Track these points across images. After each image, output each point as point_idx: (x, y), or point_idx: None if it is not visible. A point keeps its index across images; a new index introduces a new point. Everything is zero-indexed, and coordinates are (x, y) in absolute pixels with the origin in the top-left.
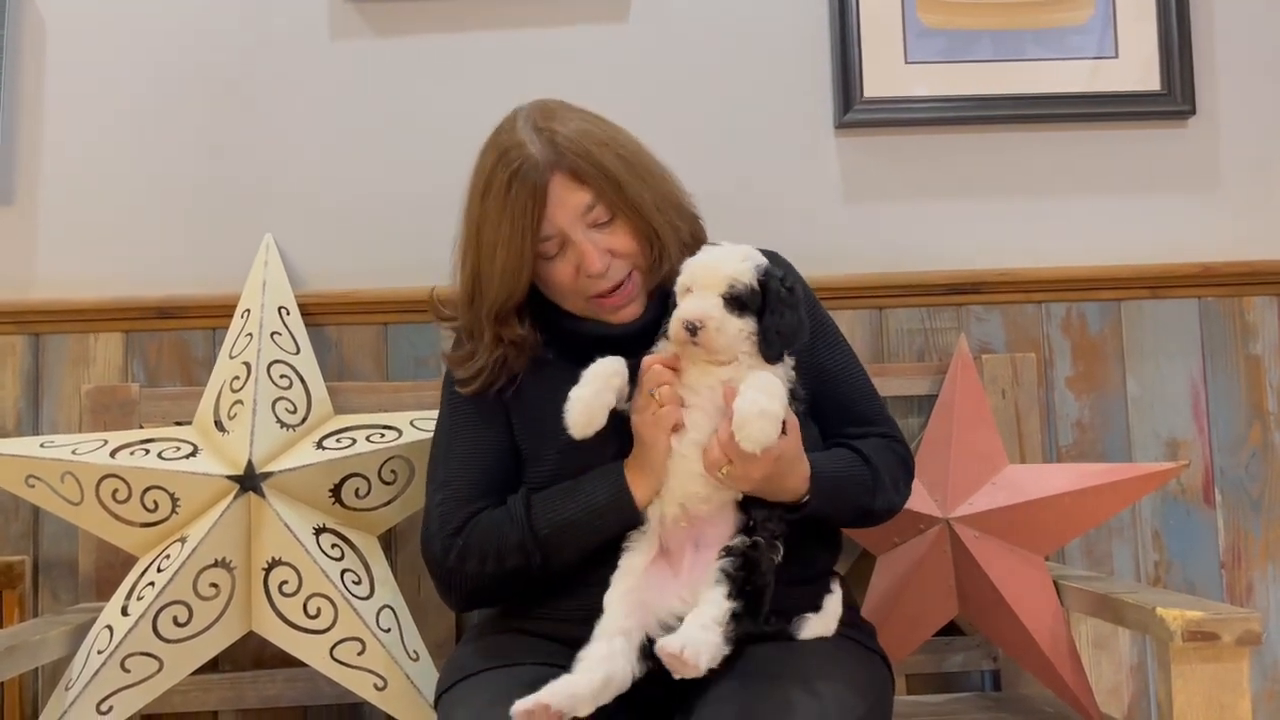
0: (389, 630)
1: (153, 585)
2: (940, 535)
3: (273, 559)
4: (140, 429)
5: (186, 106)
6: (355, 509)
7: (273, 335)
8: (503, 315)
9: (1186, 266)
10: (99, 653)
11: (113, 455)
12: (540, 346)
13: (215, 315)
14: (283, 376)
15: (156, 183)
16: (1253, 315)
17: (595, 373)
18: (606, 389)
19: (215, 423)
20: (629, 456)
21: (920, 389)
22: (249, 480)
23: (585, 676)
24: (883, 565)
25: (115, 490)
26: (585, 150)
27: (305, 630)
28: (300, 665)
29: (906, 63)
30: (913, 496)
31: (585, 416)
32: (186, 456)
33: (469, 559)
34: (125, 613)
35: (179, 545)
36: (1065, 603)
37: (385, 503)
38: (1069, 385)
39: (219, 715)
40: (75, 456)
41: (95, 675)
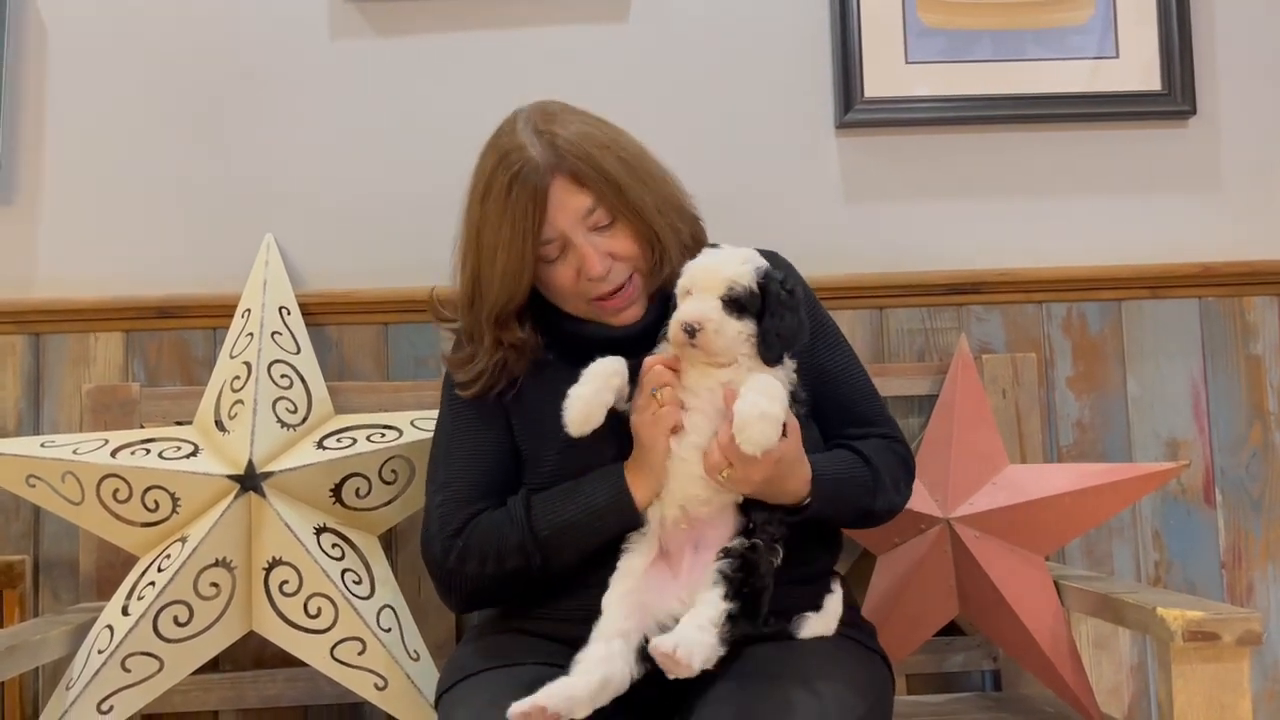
0: (389, 630)
1: (153, 585)
2: (941, 535)
3: (273, 559)
4: (141, 429)
5: (187, 106)
6: (356, 509)
7: (273, 335)
8: (503, 319)
9: (1187, 266)
10: (99, 652)
11: (113, 455)
12: (540, 349)
13: (216, 315)
14: (283, 376)
15: (156, 182)
16: (1253, 315)
17: (594, 372)
18: (605, 388)
19: (216, 422)
20: (629, 458)
21: (921, 389)
22: (250, 480)
23: (583, 679)
24: (883, 565)
25: (116, 490)
26: (586, 153)
27: (306, 630)
28: (301, 665)
29: (907, 63)
30: (913, 496)
31: (583, 414)
32: (187, 456)
33: (469, 560)
34: (126, 612)
35: (180, 545)
36: (1066, 603)
37: (386, 502)
38: (1069, 385)
39: (219, 715)
40: (76, 456)
41: (96, 675)
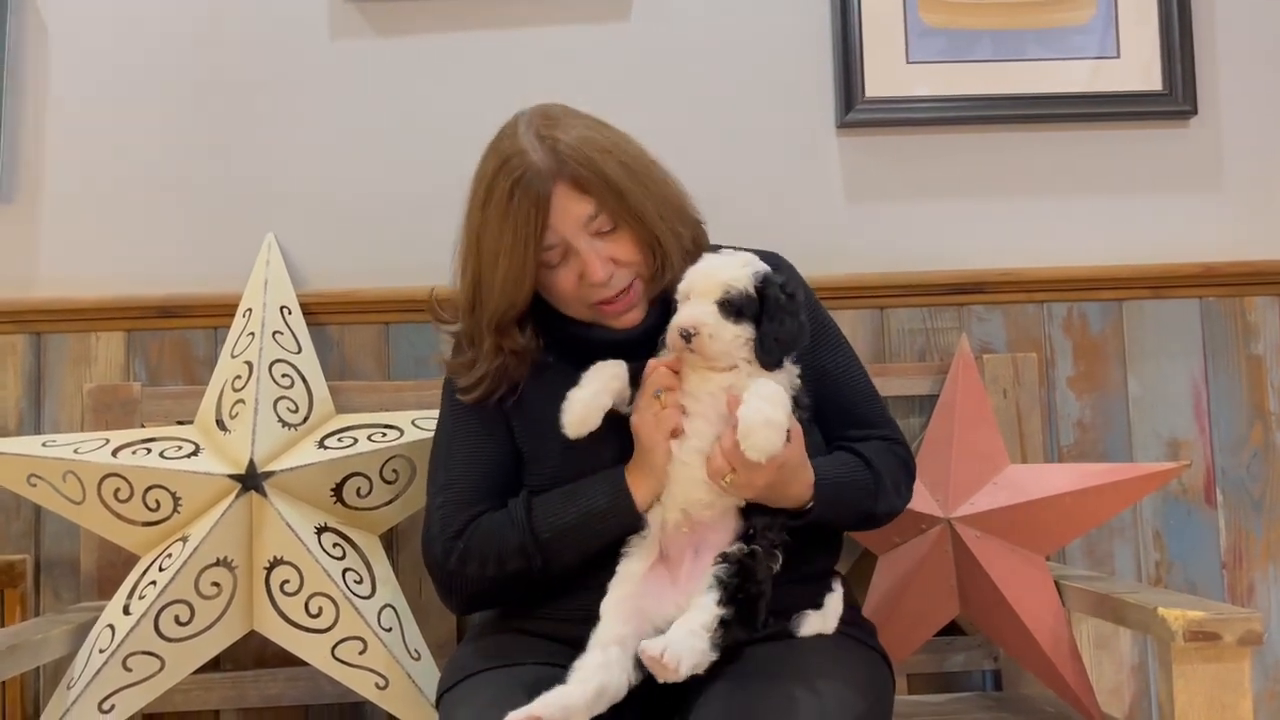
0: (390, 629)
1: (154, 584)
2: (942, 535)
3: (274, 558)
4: (142, 428)
5: (187, 106)
6: (357, 508)
7: (274, 334)
8: (504, 325)
9: (1188, 266)
10: (101, 651)
11: (114, 454)
12: (540, 353)
13: (217, 314)
14: (284, 376)
15: (157, 182)
16: (1254, 315)
17: (594, 375)
18: (604, 390)
19: (217, 422)
20: (630, 460)
21: (922, 389)
22: (251, 479)
23: (579, 688)
24: (884, 565)
25: (117, 489)
26: (588, 159)
27: (307, 629)
28: (302, 664)
29: (908, 62)
30: (914, 496)
31: (580, 416)
32: (188, 456)
33: (470, 562)
34: (127, 612)
35: (181, 544)
36: (1066, 603)
37: (387, 502)
38: (1070, 385)
39: (220, 714)
40: (77, 456)
41: (97, 674)
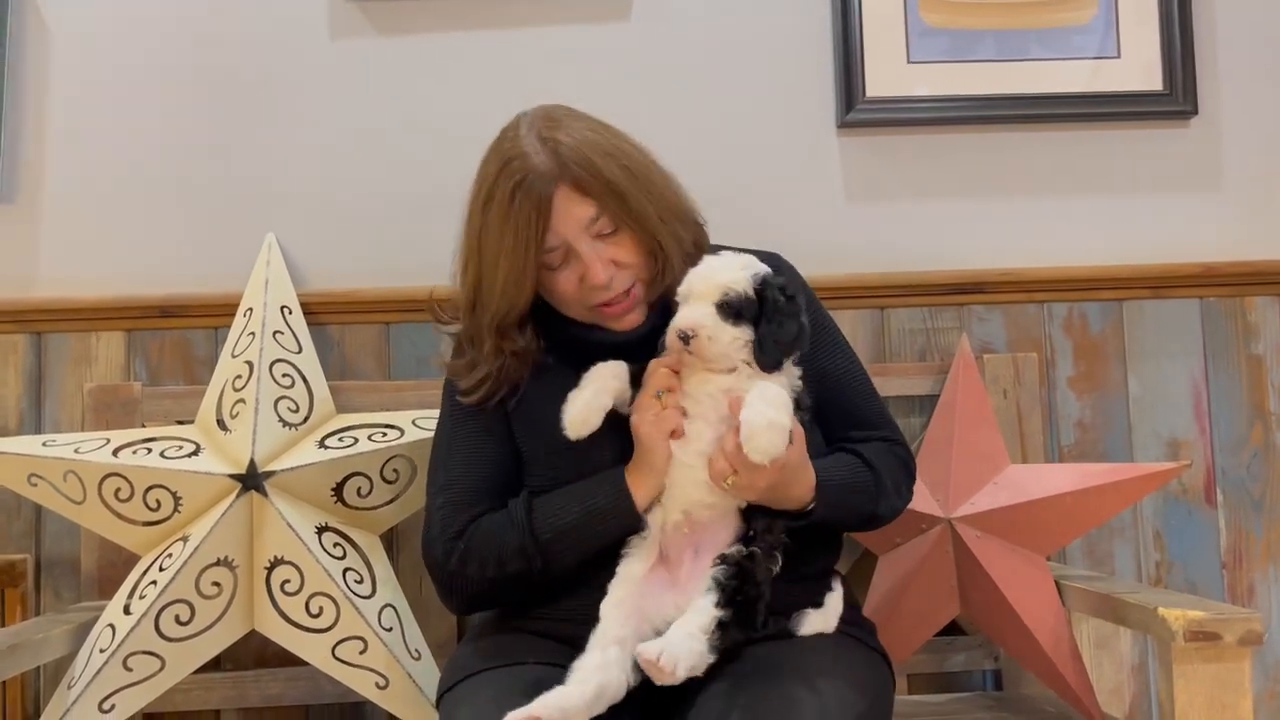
0: (391, 629)
1: (155, 584)
2: (942, 535)
3: (275, 558)
4: (142, 428)
5: (188, 106)
6: (357, 508)
7: (275, 334)
8: (504, 327)
9: (1188, 266)
10: (101, 651)
11: (115, 454)
12: (541, 354)
13: (217, 314)
14: (285, 375)
15: (158, 182)
16: (1254, 315)
17: (594, 375)
18: (604, 391)
19: (217, 422)
20: (630, 461)
21: (922, 389)
22: (251, 479)
23: (578, 688)
24: (884, 565)
25: (117, 489)
26: (590, 161)
27: (307, 629)
28: (302, 664)
29: (909, 62)
30: (915, 496)
31: (580, 417)
32: (189, 455)
33: (470, 563)
34: (127, 611)
35: (181, 544)
36: (1067, 603)
37: (387, 502)
38: (1070, 385)
39: (221, 714)
40: (77, 455)
41: (97, 674)
